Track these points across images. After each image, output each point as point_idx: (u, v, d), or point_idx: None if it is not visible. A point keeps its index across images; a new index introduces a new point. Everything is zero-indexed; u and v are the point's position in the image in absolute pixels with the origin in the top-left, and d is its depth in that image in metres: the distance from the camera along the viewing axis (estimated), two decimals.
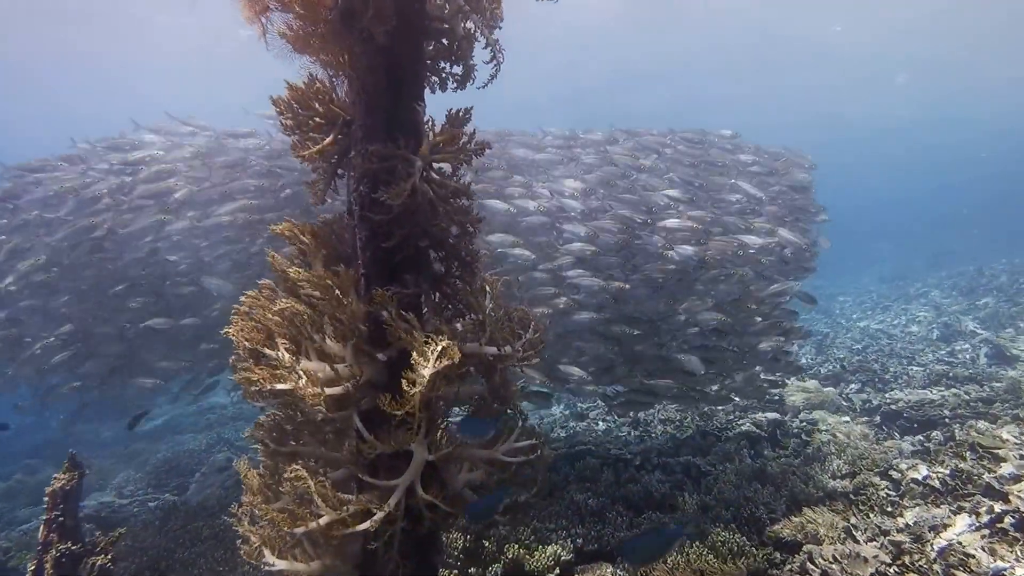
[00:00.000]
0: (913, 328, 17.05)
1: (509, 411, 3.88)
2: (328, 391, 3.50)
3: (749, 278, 8.29)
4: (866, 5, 31.74)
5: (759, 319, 8.29)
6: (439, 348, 3.13)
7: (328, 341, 3.63)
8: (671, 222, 8.37)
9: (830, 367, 13.53)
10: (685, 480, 7.89)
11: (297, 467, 3.63)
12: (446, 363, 3.12)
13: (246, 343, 3.65)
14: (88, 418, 17.05)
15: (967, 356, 12.97)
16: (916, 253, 36.82)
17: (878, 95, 47.75)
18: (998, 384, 9.92)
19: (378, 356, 3.47)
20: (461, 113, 3.37)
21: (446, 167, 3.49)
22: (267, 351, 3.66)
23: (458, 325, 3.69)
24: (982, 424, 7.74)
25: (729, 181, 9.41)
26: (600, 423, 11.30)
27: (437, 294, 3.66)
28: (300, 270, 3.51)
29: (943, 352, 13.74)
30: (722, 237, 8.28)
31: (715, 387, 8.50)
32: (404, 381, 3.21)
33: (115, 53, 30.70)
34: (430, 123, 3.41)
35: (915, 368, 12.51)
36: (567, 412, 12.35)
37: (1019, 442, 6.82)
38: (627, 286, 8.08)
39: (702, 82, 40.54)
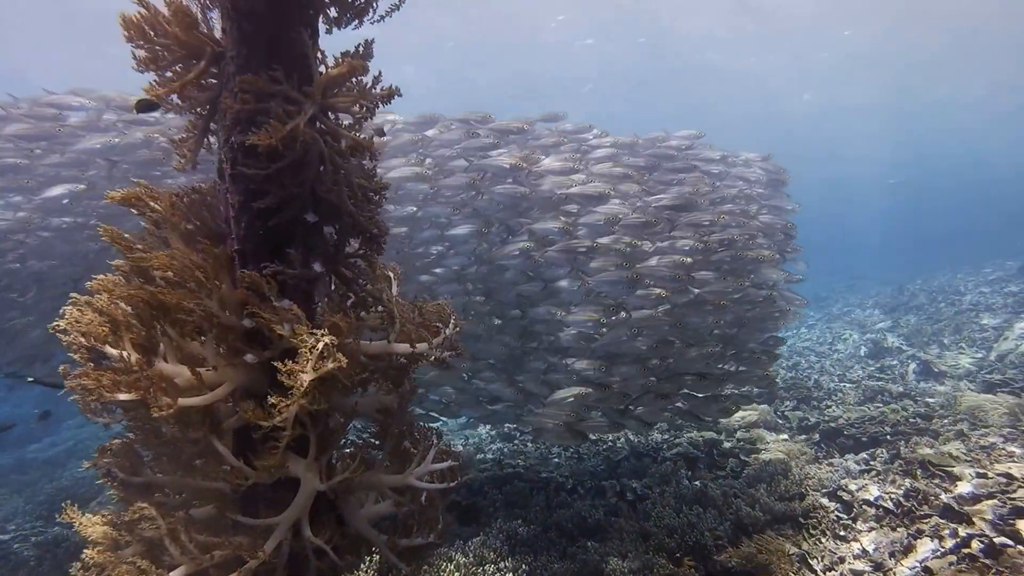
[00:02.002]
0: (840, 346, 17.09)
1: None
2: (185, 402, 2.70)
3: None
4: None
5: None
6: (320, 346, 2.37)
7: (188, 339, 2.82)
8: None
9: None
10: (621, 505, 7.33)
11: (143, 505, 2.79)
12: (331, 365, 2.36)
13: (83, 339, 2.81)
14: None
15: (897, 372, 12.90)
16: (833, 276, 37.71)
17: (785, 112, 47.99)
18: (932, 400, 9.75)
19: (247, 358, 2.67)
20: (361, 47, 2.65)
21: (345, 119, 2.76)
22: (110, 350, 2.83)
23: (362, 316, 2.93)
24: (927, 441, 7.42)
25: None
26: (529, 444, 10.58)
27: (333, 277, 2.89)
28: (142, 249, 2.69)
29: (873, 368, 13.67)
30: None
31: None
32: (278, 389, 2.45)
33: None
34: (323, 58, 2.67)
35: (847, 385, 12.34)
36: (493, 432, 11.55)
37: (970, 459, 6.47)
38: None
39: (604, 102, 40.39)
